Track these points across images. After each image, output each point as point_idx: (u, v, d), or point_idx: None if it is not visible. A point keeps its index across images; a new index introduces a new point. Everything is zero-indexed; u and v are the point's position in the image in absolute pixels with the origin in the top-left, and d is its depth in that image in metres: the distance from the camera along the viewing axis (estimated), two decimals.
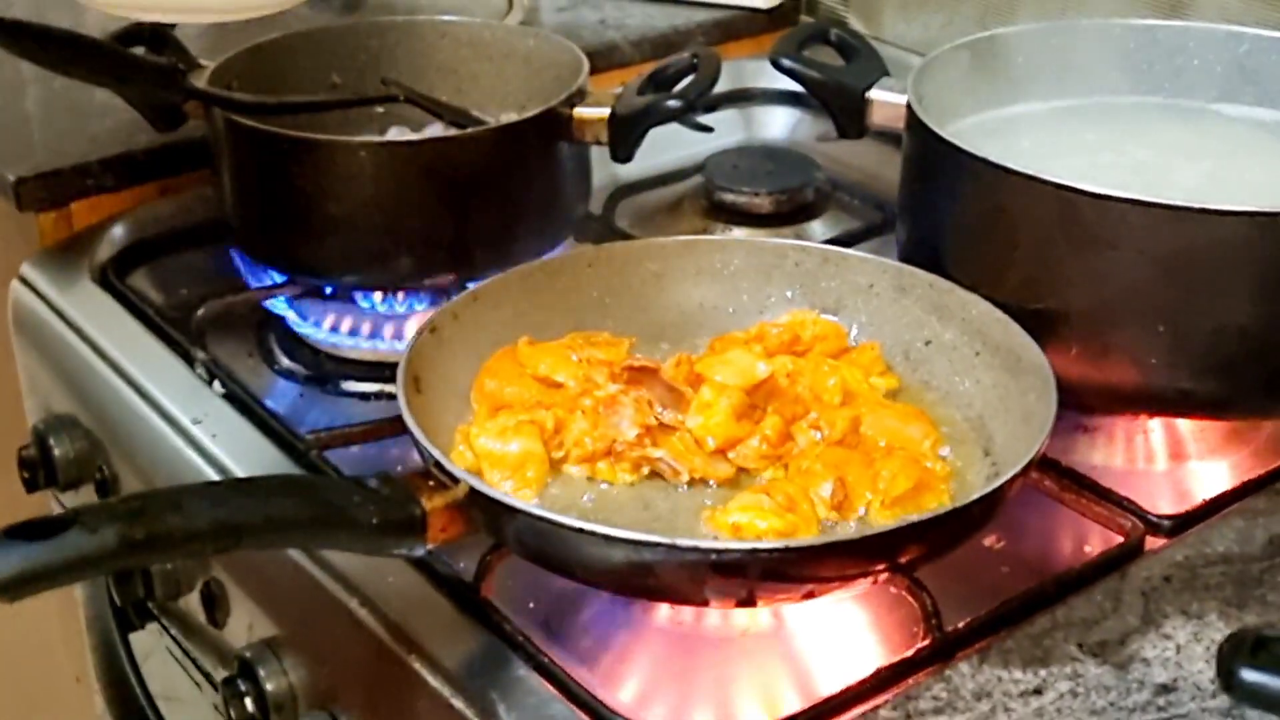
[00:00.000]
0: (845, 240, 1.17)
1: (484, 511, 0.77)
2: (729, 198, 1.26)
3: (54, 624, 1.43)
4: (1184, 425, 0.98)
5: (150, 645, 1.11)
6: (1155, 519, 0.86)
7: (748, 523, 0.78)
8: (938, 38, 1.36)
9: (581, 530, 0.73)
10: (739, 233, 1.24)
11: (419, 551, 0.77)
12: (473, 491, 0.76)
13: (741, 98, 1.46)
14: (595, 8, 1.55)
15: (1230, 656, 0.57)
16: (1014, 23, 1.14)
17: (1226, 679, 0.57)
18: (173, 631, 1.06)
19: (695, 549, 0.72)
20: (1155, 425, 0.98)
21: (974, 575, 0.85)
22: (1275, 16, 1.19)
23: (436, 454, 0.78)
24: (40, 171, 1.22)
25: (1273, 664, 0.55)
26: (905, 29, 1.45)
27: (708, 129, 1.30)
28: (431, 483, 0.77)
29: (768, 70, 1.47)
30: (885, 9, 1.48)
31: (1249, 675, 0.56)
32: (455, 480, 0.77)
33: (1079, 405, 0.94)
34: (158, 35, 1.16)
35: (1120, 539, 0.86)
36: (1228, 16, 1.17)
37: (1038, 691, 0.68)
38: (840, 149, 1.35)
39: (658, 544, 0.72)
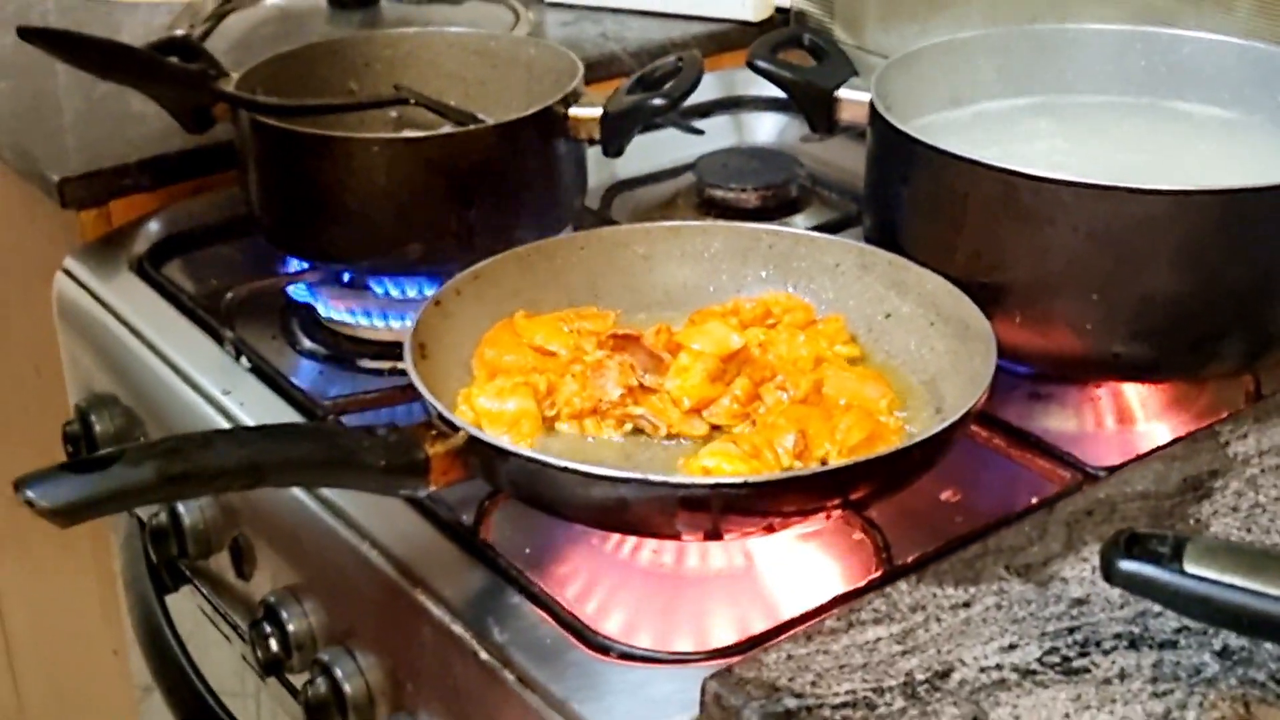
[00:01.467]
0: (823, 229, 1.26)
1: (480, 457, 0.86)
2: (718, 194, 1.36)
3: (93, 597, 1.53)
4: (1131, 392, 1.07)
5: (183, 607, 1.20)
6: (1093, 470, 0.96)
7: (715, 465, 0.88)
8: (914, 45, 1.45)
9: (565, 469, 0.82)
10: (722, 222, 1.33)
11: (422, 493, 0.86)
12: (471, 438, 0.86)
13: (732, 104, 1.56)
14: (596, 22, 1.65)
15: (1109, 550, 0.66)
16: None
17: (1106, 569, 0.66)
18: (204, 590, 1.15)
19: (665, 484, 0.81)
20: (1103, 392, 1.07)
21: (929, 523, 0.94)
22: (1219, 22, 1.28)
23: (439, 406, 0.88)
24: (82, 173, 1.32)
25: (1145, 556, 0.64)
26: (885, 38, 1.55)
27: (699, 132, 1.40)
28: (434, 432, 0.87)
29: (757, 79, 1.57)
30: (867, 20, 1.58)
31: (1125, 565, 0.65)
32: (455, 429, 0.86)
33: (1030, 372, 1.04)
34: (189, 46, 1.26)
35: (1059, 488, 0.95)
36: (1171, 22, 1.26)
37: (966, 605, 0.77)
38: (822, 149, 1.45)
39: (631, 479, 0.82)
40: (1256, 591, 0.62)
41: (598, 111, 1.16)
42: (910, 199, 1.05)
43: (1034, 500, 0.95)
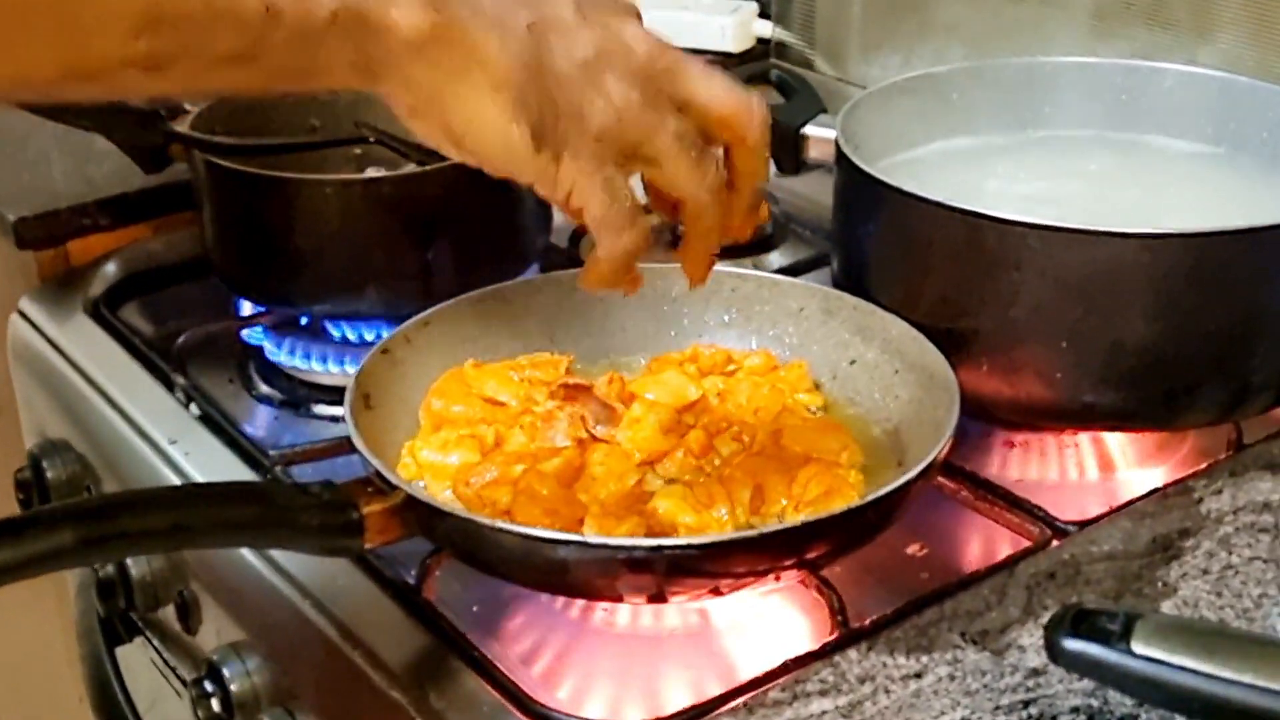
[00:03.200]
0: (795, 269, 1.23)
1: (418, 515, 0.83)
2: None
3: (58, 643, 1.50)
4: (1109, 439, 1.03)
5: (136, 658, 1.17)
6: (1062, 524, 0.92)
7: (666, 510, 0.84)
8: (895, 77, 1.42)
9: (501, 530, 0.79)
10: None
11: (356, 552, 0.83)
12: (408, 497, 0.82)
13: None
14: None
15: (1054, 627, 0.62)
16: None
17: (1050, 649, 0.62)
18: (154, 642, 1.12)
19: (605, 546, 0.78)
20: (1082, 440, 1.03)
21: (893, 579, 0.90)
22: (1202, 55, 1.24)
23: (375, 461, 0.84)
24: (39, 212, 1.29)
25: (1092, 634, 0.60)
26: (867, 69, 1.52)
27: None
28: (370, 489, 0.83)
29: None
30: (849, 51, 1.55)
31: (1070, 644, 0.61)
32: (391, 486, 0.83)
33: (998, 420, 1.00)
34: None
35: (1028, 543, 0.91)
36: (1151, 55, 1.23)
37: (918, 675, 0.73)
38: (797, 183, 1.41)
39: (569, 541, 0.78)
40: (1208, 674, 0.58)
41: None
42: (876, 241, 1.01)
43: (1001, 558, 0.92)
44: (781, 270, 1.22)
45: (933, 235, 0.96)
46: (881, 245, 1.01)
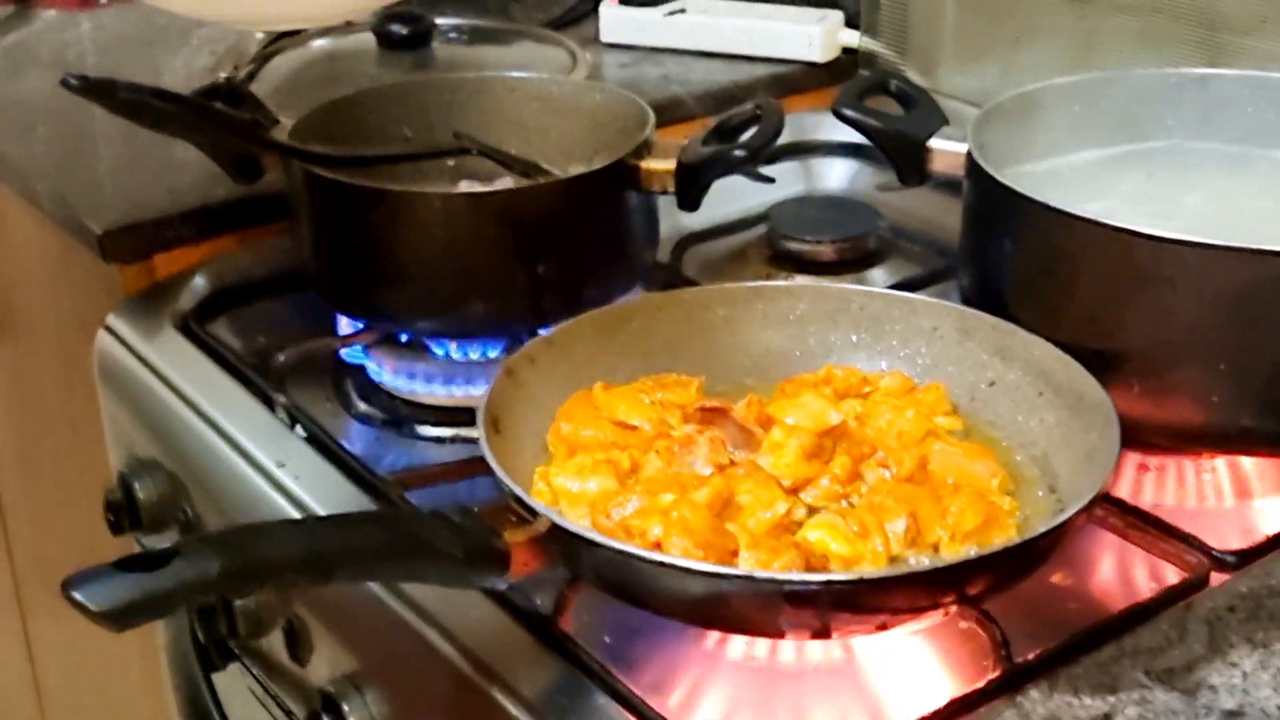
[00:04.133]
0: (907, 286, 1.20)
1: (564, 545, 0.79)
2: (793, 246, 1.29)
3: (133, 666, 1.46)
4: (1248, 463, 1.00)
5: (232, 686, 1.13)
6: (1219, 554, 0.88)
7: (819, 540, 0.81)
8: (994, 89, 1.38)
9: (660, 563, 0.75)
10: (803, 279, 1.26)
11: (501, 585, 0.80)
12: (553, 526, 0.79)
13: (801, 149, 1.49)
14: (657, 64, 1.59)
15: None
16: (1071, 74, 1.17)
17: None
18: (255, 671, 1.08)
19: (771, 580, 0.74)
20: (1219, 464, 0.99)
21: (1042, 611, 0.87)
22: None
23: (518, 490, 0.81)
24: (124, 224, 1.26)
25: None
26: (961, 81, 1.48)
27: (770, 180, 1.33)
28: (513, 518, 0.80)
29: (826, 122, 1.51)
30: (942, 61, 1.51)
31: None
32: (535, 515, 0.80)
33: (1142, 444, 0.96)
34: (234, 92, 1.20)
35: (1185, 574, 0.87)
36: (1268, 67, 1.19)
37: (1107, 717, 0.70)
38: (900, 198, 1.37)
39: (733, 575, 0.74)
40: None
41: (671, 163, 1.09)
42: (1015, 258, 0.98)
43: (1153, 587, 0.88)
44: (893, 287, 1.19)
45: (1080, 252, 0.92)
46: (1021, 262, 0.97)
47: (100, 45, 1.73)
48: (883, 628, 0.79)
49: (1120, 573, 0.91)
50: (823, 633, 0.78)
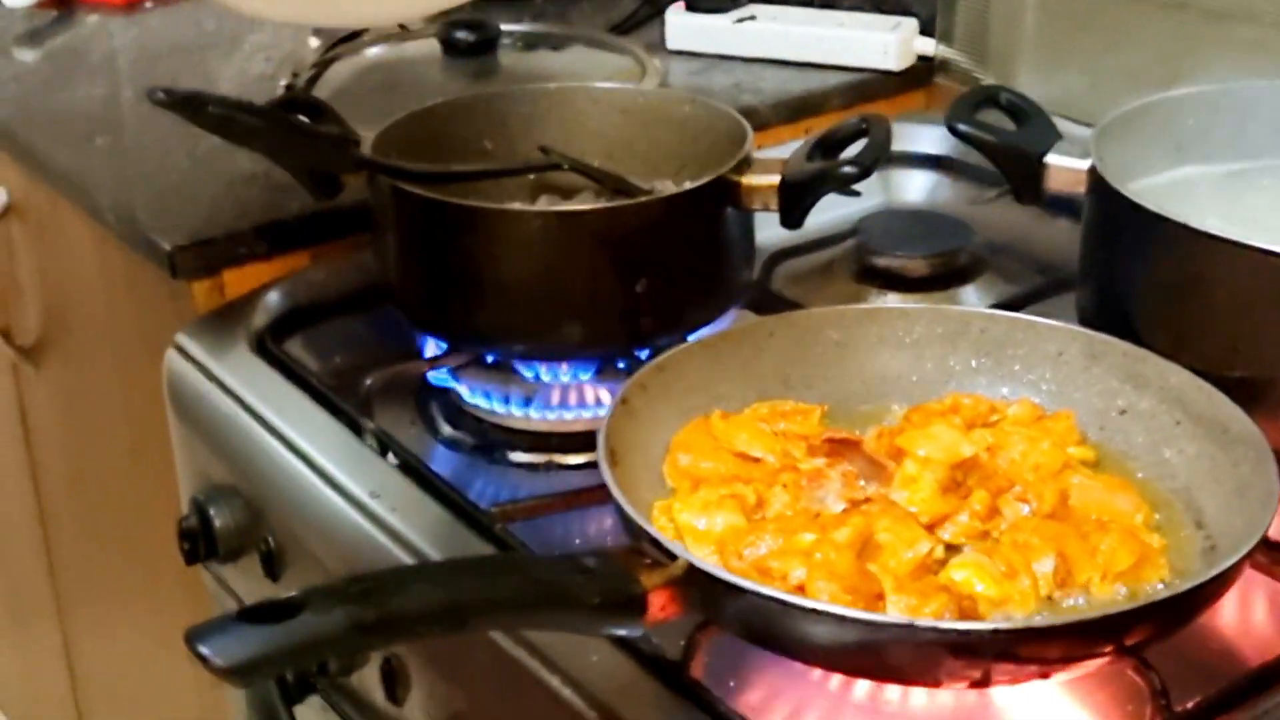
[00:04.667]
0: (1007, 305, 1.15)
1: (702, 589, 0.75)
2: (882, 261, 1.25)
3: (190, 698, 1.42)
4: None
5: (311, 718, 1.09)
6: None
7: (965, 579, 0.77)
8: (1078, 100, 1.34)
9: (814, 610, 0.71)
10: (893, 297, 1.22)
11: (637, 631, 0.76)
12: (691, 568, 0.75)
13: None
14: (727, 71, 1.54)
15: None
16: (1166, 86, 1.13)
17: None
18: (343, 707, 1.04)
19: (934, 629, 0.70)
20: None
21: (1195, 656, 0.82)
22: None
23: (653, 531, 0.77)
24: (195, 240, 1.22)
25: None
26: (1044, 90, 1.43)
27: (856, 193, 1.29)
28: (648, 560, 0.76)
29: (905, 132, 1.47)
30: (1022, 70, 1.47)
31: None
32: (672, 557, 0.75)
33: None
34: (313, 104, 1.15)
35: None
36: None
37: None
38: (989, 212, 1.33)
39: (894, 625, 0.70)
40: None
41: (774, 179, 1.05)
42: (1147, 280, 0.94)
43: None
44: (995, 306, 1.14)
45: (1222, 276, 0.88)
46: (1154, 285, 0.93)
47: (151, 51, 1.69)
48: (1042, 676, 0.74)
49: (1272, 614, 0.87)
50: (982, 682, 0.74)
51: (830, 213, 1.31)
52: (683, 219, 1.05)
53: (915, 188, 1.44)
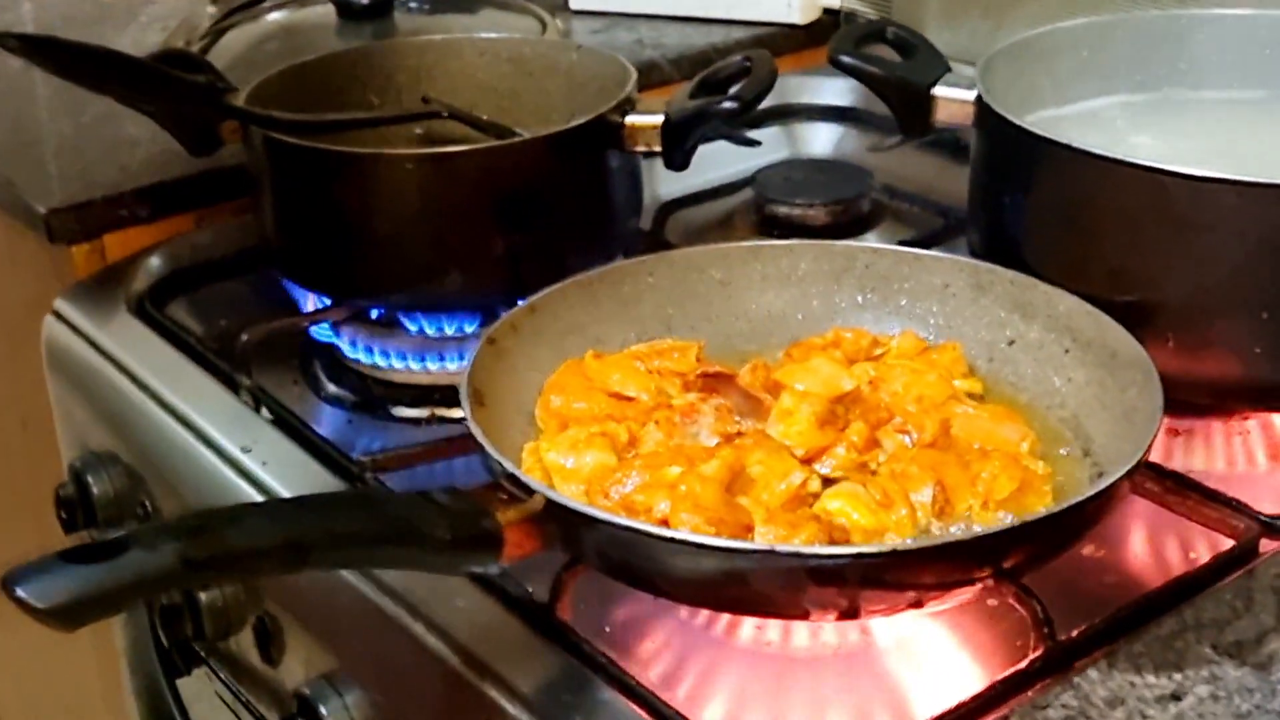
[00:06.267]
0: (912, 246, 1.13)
1: (562, 524, 0.72)
2: (782, 210, 1.22)
3: (91, 674, 1.38)
4: None
5: (199, 691, 1.06)
6: (1269, 519, 0.81)
7: (840, 509, 0.74)
8: (986, 45, 1.31)
9: (672, 539, 0.68)
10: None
11: (493, 569, 0.72)
12: (549, 503, 0.72)
13: (784, 113, 1.42)
14: (630, 29, 1.52)
15: None
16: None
17: None
18: (222, 674, 1.01)
19: (796, 555, 0.67)
20: (1252, 425, 0.93)
21: (1078, 585, 0.80)
22: None
23: (509, 465, 0.73)
24: (72, 203, 1.18)
25: None
26: (951, 37, 1.41)
27: (755, 143, 1.26)
28: (504, 496, 0.73)
29: (810, 85, 1.44)
30: (928, 19, 1.44)
31: None
32: (530, 492, 0.72)
33: (1173, 405, 0.89)
34: (192, 59, 1.12)
35: (1231, 542, 0.81)
36: None
37: (1175, 697, 0.63)
38: (890, 159, 1.31)
39: (754, 551, 0.67)
40: None
41: (658, 119, 1.02)
42: (1034, 208, 0.91)
43: (1196, 557, 0.82)
44: None
45: (1109, 198, 0.85)
46: (1041, 212, 0.91)
47: (45, 24, 1.64)
48: (915, 605, 0.71)
49: (1158, 543, 0.84)
50: (850, 612, 0.71)
51: (731, 167, 1.30)
52: (563, 161, 1.02)
53: (821, 140, 1.41)
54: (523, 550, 0.72)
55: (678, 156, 1.02)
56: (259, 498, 0.91)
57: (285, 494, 0.90)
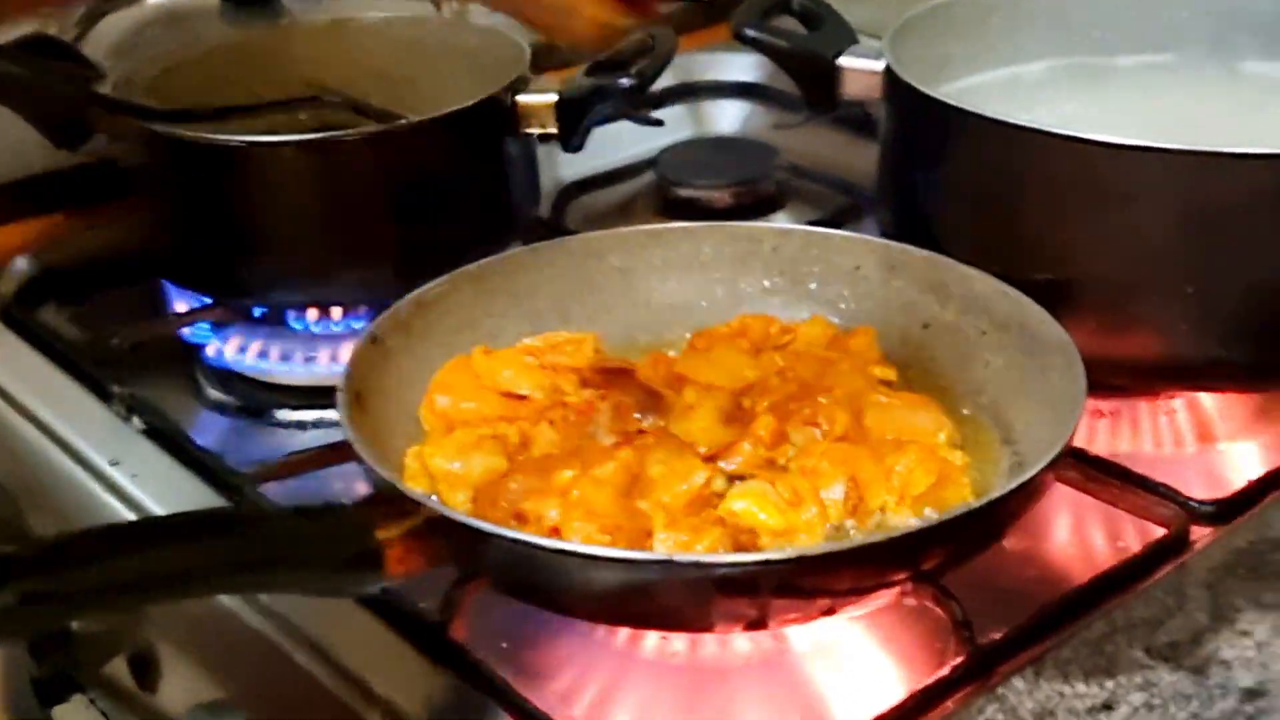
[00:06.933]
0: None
1: (448, 538, 0.66)
2: (685, 193, 1.17)
3: None
4: (1209, 402, 0.89)
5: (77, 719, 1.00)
6: (1197, 505, 0.77)
7: (746, 509, 0.69)
8: (897, 16, 1.27)
9: (561, 551, 0.63)
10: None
11: (375, 589, 0.67)
12: (432, 516, 0.66)
13: (689, 92, 1.37)
14: None
15: None
16: None
17: None
18: (100, 704, 0.95)
19: (696, 564, 0.62)
20: (1178, 404, 0.89)
21: (998, 581, 0.75)
22: None
23: (388, 475, 0.68)
24: None
25: None
26: (860, 8, 1.36)
27: (658, 123, 1.22)
28: (384, 510, 0.67)
29: (716, 62, 1.39)
30: None
31: None
32: (414, 505, 0.67)
33: (1095, 385, 0.85)
34: (56, 45, 1.05)
35: (1162, 530, 0.76)
36: None
37: (1108, 706, 0.59)
38: (799, 137, 1.26)
39: (651, 561, 0.62)
40: None
41: (551, 98, 0.97)
42: (946, 183, 0.86)
43: (1124, 546, 0.77)
44: None
45: (1024, 169, 0.81)
46: (954, 186, 0.86)
47: None
48: (827, 613, 0.66)
49: (1087, 532, 0.80)
50: (759, 623, 0.66)
51: (634, 147, 1.24)
52: (453, 145, 0.96)
53: (728, 118, 1.36)
54: (407, 568, 0.67)
55: (574, 138, 0.97)
56: (130, 515, 0.85)
57: (158, 510, 0.84)
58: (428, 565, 0.67)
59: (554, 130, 0.97)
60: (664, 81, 1.34)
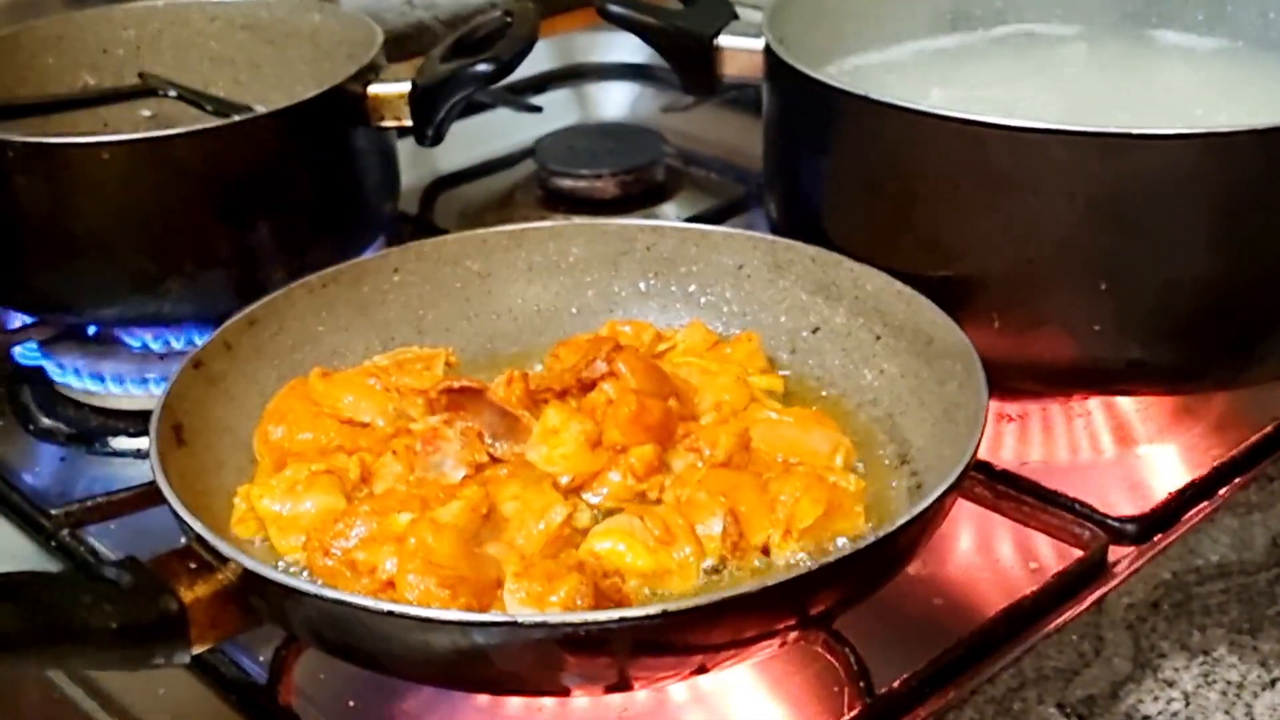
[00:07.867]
0: (706, 220, 1.00)
1: (263, 597, 0.58)
2: (566, 183, 1.09)
3: None
4: (1126, 404, 0.82)
5: None
6: (1117, 523, 0.70)
7: (608, 551, 0.61)
8: None
9: (389, 613, 0.54)
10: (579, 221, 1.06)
11: (182, 659, 0.58)
12: (245, 572, 0.57)
13: (571, 75, 1.30)
14: None
15: None
16: None
17: None
18: None
19: (542, 625, 0.54)
20: (1093, 406, 0.82)
21: (898, 613, 0.68)
22: None
23: (196, 525, 0.59)
24: None
25: None
26: None
27: (535, 109, 1.13)
28: (193, 564, 0.58)
29: (600, 43, 1.31)
30: None
31: None
32: (223, 559, 0.58)
33: (1002, 389, 0.78)
34: None
35: (1078, 553, 0.69)
36: None
37: None
38: (689, 121, 1.19)
39: (490, 624, 0.54)
40: None
41: (405, 87, 0.88)
42: (834, 172, 0.79)
43: (1036, 569, 0.70)
44: (691, 221, 0.99)
45: (917, 156, 0.73)
46: (841, 176, 0.78)
47: None
48: (700, 671, 0.58)
49: (992, 556, 0.72)
50: (621, 685, 0.58)
51: (513, 136, 1.16)
52: (297, 141, 0.88)
53: (615, 102, 1.28)
54: (219, 632, 0.58)
55: (430, 130, 0.88)
56: None
57: None
58: (242, 628, 0.59)
59: (409, 123, 0.88)
60: (544, 64, 1.27)
